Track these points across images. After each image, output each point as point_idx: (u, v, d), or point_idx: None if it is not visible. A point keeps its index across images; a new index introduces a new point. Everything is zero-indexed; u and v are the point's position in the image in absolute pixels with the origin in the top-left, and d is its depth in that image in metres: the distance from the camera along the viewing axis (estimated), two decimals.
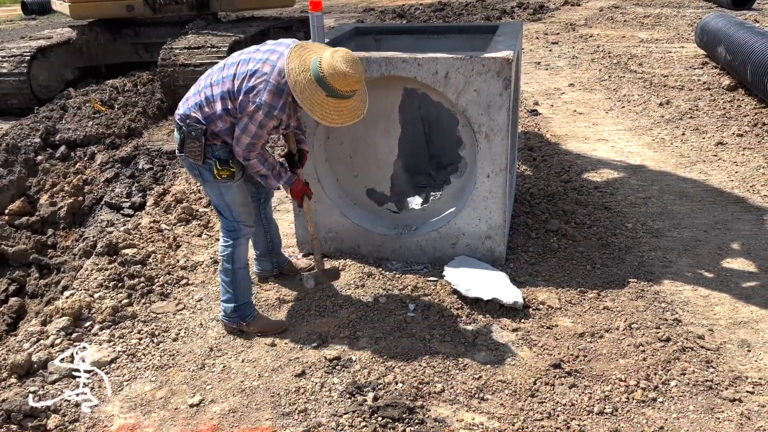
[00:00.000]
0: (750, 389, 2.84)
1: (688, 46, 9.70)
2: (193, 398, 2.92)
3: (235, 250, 3.30)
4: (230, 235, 3.30)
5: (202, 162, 3.08)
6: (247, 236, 3.36)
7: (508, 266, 3.84)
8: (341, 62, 2.87)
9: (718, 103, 6.90)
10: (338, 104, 2.96)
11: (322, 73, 2.87)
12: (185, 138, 3.07)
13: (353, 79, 2.89)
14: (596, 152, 5.83)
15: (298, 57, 2.93)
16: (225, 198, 3.21)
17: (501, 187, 3.68)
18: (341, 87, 2.89)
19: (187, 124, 3.07)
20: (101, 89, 8.13)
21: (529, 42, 10.89)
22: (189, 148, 3.08)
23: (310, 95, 2.90)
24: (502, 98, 3.50)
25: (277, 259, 3.84)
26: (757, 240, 4.13)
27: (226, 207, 3.25)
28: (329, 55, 2.90)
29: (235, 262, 3.30)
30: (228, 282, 3.32)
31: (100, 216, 5.54)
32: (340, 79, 2.87)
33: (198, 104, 3.07)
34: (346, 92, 2.93)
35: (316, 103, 2.92)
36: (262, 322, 3.37)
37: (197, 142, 3.04)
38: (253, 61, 3.00)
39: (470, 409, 2.79)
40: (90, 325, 3.47)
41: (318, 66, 2.88)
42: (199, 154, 3.06)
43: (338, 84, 2.88)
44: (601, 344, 3.17)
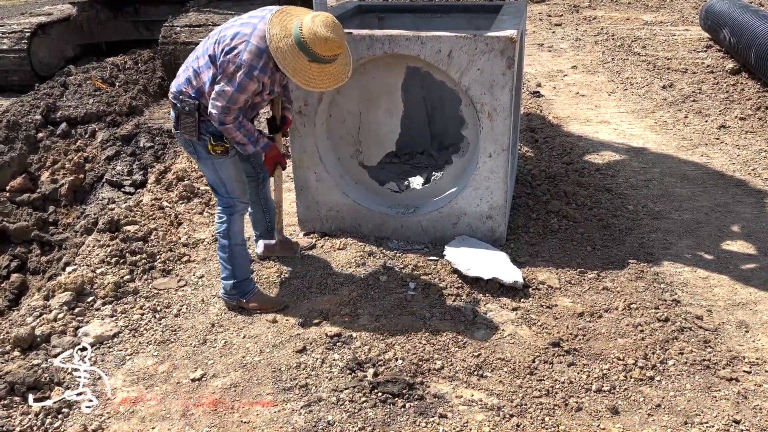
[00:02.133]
0: (747, 369, 2.87)
1: (693, 29, 9.63)
2: (194, 373, 2.95)
3: (230, 226, 3.32)
4: (225, 212, 3.32)
5: (197, 138, 3.09)
6: (242, 212, 3.38)
7: (508, 246, 3.86)
8: (322, 27, 2.85)
9: (721, 86, 6.87)
10: (321, 69, 2.95)
11: (303, 38, 2.85)
12: (179, 114, 3.08)
13: (334, 44, 2.88)
14: (598, 134, 5.81)
15: (279, 23, 2.92)
16: (220, 174, 3.23)
17: (503, 167, 3.68)
18: (323, 52, 2.88)
19: (180, 100, 3.07)
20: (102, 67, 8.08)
21: (533, 23, 10.81)
22: (183, 124, 3.08)
23: (292, 61, 2.88)
24: (505, 78, 3.48)
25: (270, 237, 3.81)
26: (758, 223, 4.14)
27: (220, 183, 3.26)
28: (310, 20, 2.88)
29: (231, 238, 3.33)
30: (226, 259, 3.35)
31: (101, 193, 5.55)
32: (321, 44, 2.86)
33: (188, 79, 3.07)
34: (328, 57, 2.91)
35: (299, 68, 2.90)
36: (261, 299, 3.40)
37: (191, 118, 3.05)
38: (234, 26, 3.00)
39: (469, 386, 2.82)
40: (92, 300, 3.49)
41: (299, 31, 2.87)
42: (194, 129, 3.07)
43: (320, 49, 2.87)
44: (600, 324, 3.19)
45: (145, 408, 2.77)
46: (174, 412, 2.73)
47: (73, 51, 8.89)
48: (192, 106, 3.03)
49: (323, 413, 2.68)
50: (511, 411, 2.67)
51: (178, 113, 3.09)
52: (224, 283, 3.39)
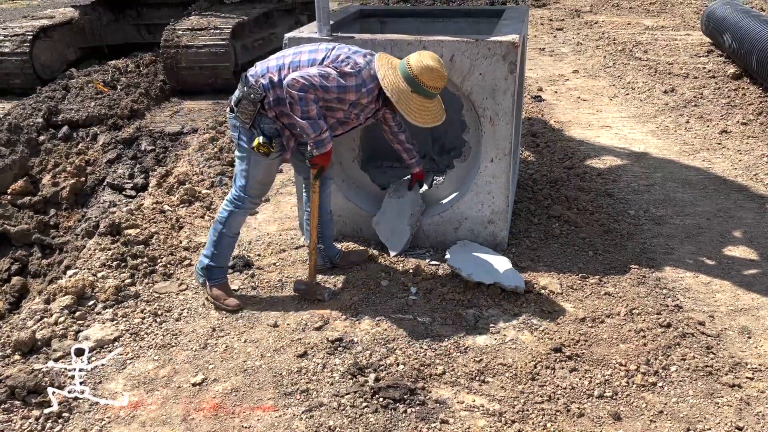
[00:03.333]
0: (750, 375, 2.86)
1: (694, 33, 9.64)
2: (195, 377, 2.94)
3: (231, 217, 3.37)
4: (233, 203, 3.36)
5: (249, 127, 3.15)
6: (248, 210, 3.42)
7: (510, 251, 3.85)
8: (428, 58, 3.06)
9: (722, 91, 6.87)
10: (422, 103, 3.08)
11: (409, 68, 3.04)
12: (242, 98, 3.13)
13: (438, 75, 3.05)
14: (600, 139, 5.81)
15: (385, 58, 3.14)
16: (249, 169, 3.27)
17: (504, 172, 3.68)
18: (428, 81, 3.04)
19: (249, 84, 3.12)
20: (104, 70, 8.10)
21: (534, 28, 10.83)
22: (242, 108, 3.14)
23: (398, 89, 3.03)
24: (507, 82, 3.48)
25: (328, 252, 3.73)
26: (760, 228, 4.13)
27: (244, 177, 3.30)
28: (417, 54, 3.10)
29: (225, 227, 3.38)
30: (213, 241, 3.42)
31: (102, 197, 5.55)
32: (427, 74, 3.03)
33: (279, 67, 3.12)
34: (432, 88, 3.06)
35: (403, 98, 3.04)
36: (221, 293, 3.42)
37: (252, 107, 3.10)
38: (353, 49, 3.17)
39: (471, 392, 2.81)
40: (93, 304, 3.49)
41: (406, 64, 3.07)
42: (249, 118, 3.13)
43: (426, 78, 3.03)
44: (601, 329, 3.18)
45: (146, 412, 2.76)
46: (174, 417, 2.72)
47: (75, 54, 8.91)
48: (258, 96, 3.09)
49: (324, 418, 2.67)
50: (512, 417, 2.66)
51: (241, 97, 3.14)
52: (201, 258, 3.48)
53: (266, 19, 8.84)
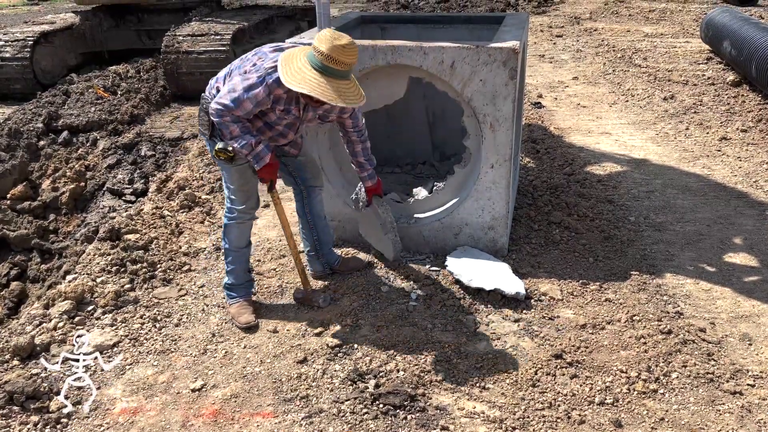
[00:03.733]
0: (751, 382, 2.85)
1: (693, 41, 9.66)
2: (195, 383, 2.93)
3: (227, 230, 3.37)
4: (226, 215, 3.37)
5: (208, 137, 3.17)
6: (240, 221, 3.33)
7: (510, 257, 3.85)
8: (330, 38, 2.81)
9: (722, 98, 6.88)
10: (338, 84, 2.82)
11: (317, 53, 2.81)
12: (200, 110, 3.20)
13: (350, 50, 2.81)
14: (599, 145, 5.82)
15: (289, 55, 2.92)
16: (225, 177, 3.29)
17: (505, 177, 3.68)
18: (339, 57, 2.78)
19: (203, 96, 3.18)
20: (104, 75, 8.10)
21: (534, 35, 10.85)
22: (200, 119, 3.20)
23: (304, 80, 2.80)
24: (507, 88, 3.49)
25: (327, 258, 3.72)
26: (760, 235, 4.13)
27: (227, 187, 3.32)
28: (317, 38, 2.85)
29: (226, 242, 3.39)
30: (225, 259, 3.44)
31: (102, 202, 5.54)
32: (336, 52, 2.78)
33: (223, 76, 3.14)
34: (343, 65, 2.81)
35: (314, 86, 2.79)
36: (237, 311, 3.38)
37: (207, 116, 3.12)
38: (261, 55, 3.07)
39: (471, 398, 2.80)
40: (92, 309, 3.48)
41: (313, 50, 2.84)
42: (207, 128, 3.15)
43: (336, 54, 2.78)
44: (602, 336, 3.17)
45: (145, 418, 2.74)
46: (174, 423, 2.71)
47: (76, 59, 8.93)
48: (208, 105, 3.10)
49: (324, 425, 2.66)
50: (513, 423, 2.65)
51: (200, 110, 3.21)
52: (225, 277, 3.49)
53: (267, 25, 8.86)
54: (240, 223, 3.34)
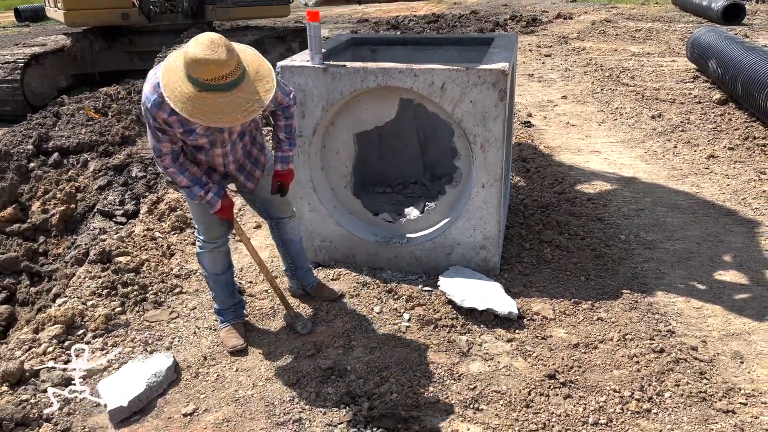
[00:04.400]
0: (743, 401, 2.86)
1: (679, 60, 9.81)
2: (186, 407, 2.90)
3: (199, 258, 3.37)
4: (197, 242, 3.33)
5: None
6: (206, 251, 3.27)
7: (502, 276, 3.85)
8: (197, 47, 2.46)
9: (709, 116, 6.97)
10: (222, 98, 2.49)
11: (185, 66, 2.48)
12: None
13: (214, 64, 2.43)
14: (589, 164, 5.87)
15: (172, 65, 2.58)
16: (192, 210, 3.23)
17: (496, 197, 3.70)
18: (203, 75, 2.45)
19: None
20: (95, 97, 8.11)
21: (522, 54, 10.98)
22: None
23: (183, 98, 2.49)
24: (497, 109, 3.52)
25: (302, 281, 3.73)
26: (749, 252, 4.16)
27: (194, 219, 3.27)
28: (185, 48, 2.52)
29: (203, 268, 3.38)
30: (207, 284, 3.45)
31: (92, 223, 5.51)
32: (197, 68, 2.44)
33: None
34: (216, 80, 2.46)
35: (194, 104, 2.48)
36: (225, 335, 3.36)
37: None
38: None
39: (465, 420, 2.78)
40: (83, 333, 3.45)
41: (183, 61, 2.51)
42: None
43: (198, 73, 2.45)
44: (595, 355, 3.17)
45: None
46: None
47: (67, 81, 8.95)
48: None
49: None
50: None
51: None
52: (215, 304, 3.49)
53: (258, 46, 8.91)
54: (209, 252, 3.29)
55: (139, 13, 8.73)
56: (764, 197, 4.95)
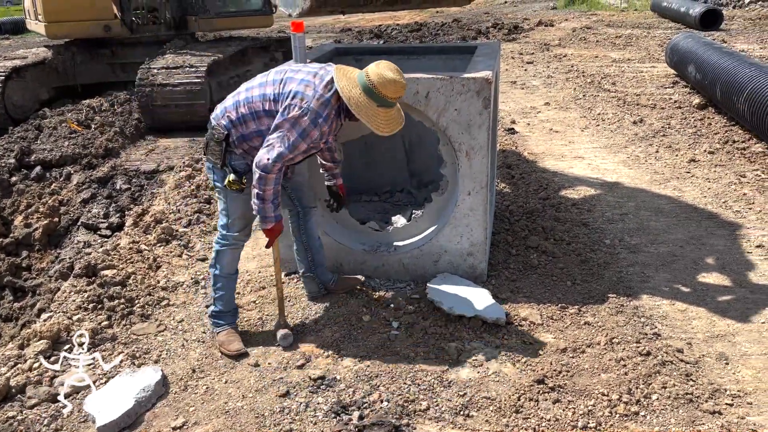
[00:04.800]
0: (729, 401, 2.89)
1: (659, 65, 9.95)
2: (176, 421, 2.88)
3: (219, 256, 3.38)
4: (219, 242, 3.38)
5: (220, 166, 3.17)
6: (234, 247, 3.39)
7: (489, 283, 3.88)
8: (388, 71, 3.02)
9: (689, 121, 7.08)
10: (386, 113, 3.07)
11: (371, 84, 2.98)
12: (209, 141, 3.19)
13: (400, 85, 3.03)
14: (573, 170, 5.92)
15: (344, 75, 3.06)
16: (228, 205, 3.29)
17: (482, 204, 3.73)
18: (390, 94, 3.01)
19: (212, 126, 3.18)
20: (77, 109, 8.06)
21: (505, 62, 11.07)
22: (211, 150, 3.19)
23: (365, 108, 3.00)
24: (482, 117, 3.55)
25: (322, 278, 3.78)
26: (731, 255, 4.23)
27: (226, 214, 3.32)
28: (374, 66, 3.04)
29: (217, 268, 3.39)
30: (212, 284, 3.43)
31: (76, 237, 5.47)
32: (389, 87, 2.99)
33: (235, 105, 3.15)
34: (393, 99, 3.04)
35: (371, 114, 3.01)
36: (226, 339, 3.37)
37: (218, 147, 3.14)
38: (293, 83, 3.08)
39: (456, 426, 2.79)
40: (69, 348, 3.41)
41: (366, 78, 3.00)
42: (219, 158, 3.16)
43: (388, 91, 2.99)
44: (583, 359, 3.20)
45: None
46: None
47: (48, 94, 8.88)
48: (221, 136, 3.12)
49: None
50: None
51: (208, 140, 3.21)
52: (210, 306, 3.47)
53: (242, 57, 8.91)
54: (234, 248, 3.39)
55: (121, 24, 8.68)
56: (744, 200, 5.04)
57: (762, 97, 5.91)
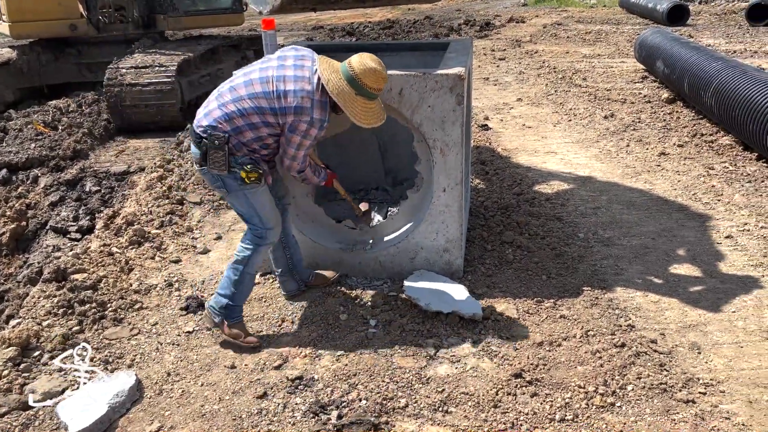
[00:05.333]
0: (702, 390, 2.94)
1: (628, 60, 10.09)
2: (151, 425, 2.83)
3: (253, 255, 3.32)
4: (255, 241, 3.31)
5: (227, 171, 3.09)
6: (271, 243, 3.39)
7: (466, 278, 3.89)
8: (370, 60, 3.11)
9: (658, 115, 7.19)
10: (365, 104, 3.14)
11: (352, 72, 3.07)
12: (208, 150, 3.08)
13: (380, 76, 3.10)
14: (546, 165, 5.97)
15: (326, 62, 3.15)
16: (253, 204, 3.24)
17: (457, 200, 3.73)
18: (371, 83, 3.08)
19: (209, 135, 3.08)
20: (44, 110, 7.90)
21: (477, 58, 11.13)
22: (213, 159, 3.09)
23: (343, 93, 3.07)
24: (455, 114, 3.56)
25: (300, 276, 3.79)
26: (701, 246, 4.30)
27: (254, 214, 3.26)
28: (357, 56, 3.13)
29: (248, 266, 3.33)
30: (233, 281, 3.34)
31: (45, 241, 5.35)
32: (370, 75, 3.07)
33: (227, 117, 3.08)
34: (374, 90, 3.11)
35: (349, 100, 3.08)
36: (241, 331, 3.37)
37: (220, 152, 3.06)
38: (288, 79, 3.09)
39: (435, 423, 2.79)
40: (39, 354, 3.34)
41: (348, 66, 3.10)
42: (224, 163, 3.08)
43: (368, 80, 3.07)
44: (559, 352, 3.23)
45: None
46: None
47: (14, 95, 8.67)
48: (222, 140, 3.05)
49: None
50: None
51: (206, 149, 3.09)
52: (218, 298, 3.38)
53: (212, 55, 8.81)
54: (269, 246, 3.39)
55: (88, 23, 8.51)
56: (713, 192, 5.13)
57: (728, 91, 6.03)
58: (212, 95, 3.22)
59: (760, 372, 3.07)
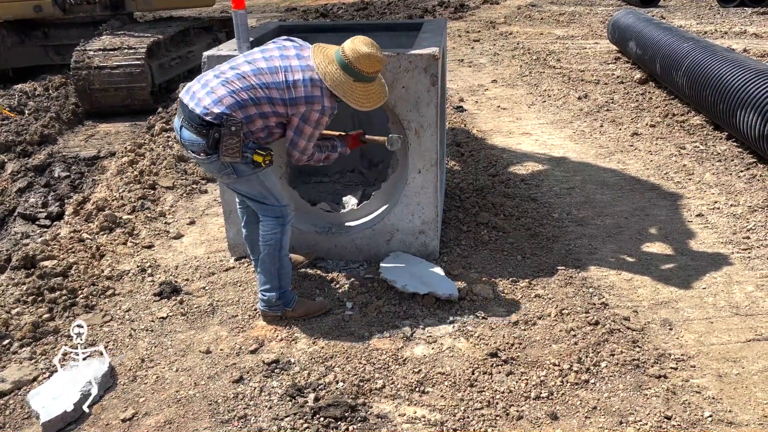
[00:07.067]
0: (674, 365, 2.99)
1: (602, 42, 10.14)
2: (125, 412, 2.80)
3: (283, 236, 3.27)
4: (279, 221, 3.25)
5: (240, 158, 3.01)
6: (292, 220, 3.35)
7: (442, 260, 3.89)
8: (362, 45, 3.05)
9: (631, 95, 7.24)
10: (365, 88, 3.12)
11: (347, 60, 3.03)
12: (222, 137, 2.95)
13: (376, 59, 3.06)
14: (521, 146, 5.99)
15: (321, 53, 3.11)
16: (266, 185, 3.20)
17: (432, 182, 3.72)
18: (366, 68, 3.05)
19: (226, 121, 2.95)
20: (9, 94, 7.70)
21: (452, 40, 11.09)
22: (227, 146, 2.96)
23: (341, 84, 3.05)
24: (429, 94, 3.54)
25: None
26: (673, 224, 4.36)
27: (269, 194, 3.22)
28: (350, 42, 3.08)
29: (282, 249, 3.29)
30: (273, 270, 3.29)
31: (13, 228, 5.24)
32: (364, 61, 3.03)
33: (240, 104, 2.99)
34: (371, 74, 3.08)
35: (347, 89, 3.06)
36: (306, 305, 3.40)
37: (235, 138, 2.97)
38: (298, 69, 3.07)
39: (412, 403, 2.81)
40: (8, 343, 3.27)
41: (342, 54, 3.05)
42: (238, 150, 2.99)
43: (363, 66, 3.03)
44: (534, 331, 3.26)
45: None
46: None
47: None
48: (239, 127, 2.97)
49: None
50: (453, 425, 2.68)
51: (219, 136, 2.95)
52: (267, 295, 3.32)
53: (183, 38, 8.65)
54: (291, 220, 3.34)
55: (53, 5, 8.28)
56: (684, 171, 5.20)
57: (699, 71, 6.09)
58: (212, 81, 3.05)
59: (729, 347, 3.13)
